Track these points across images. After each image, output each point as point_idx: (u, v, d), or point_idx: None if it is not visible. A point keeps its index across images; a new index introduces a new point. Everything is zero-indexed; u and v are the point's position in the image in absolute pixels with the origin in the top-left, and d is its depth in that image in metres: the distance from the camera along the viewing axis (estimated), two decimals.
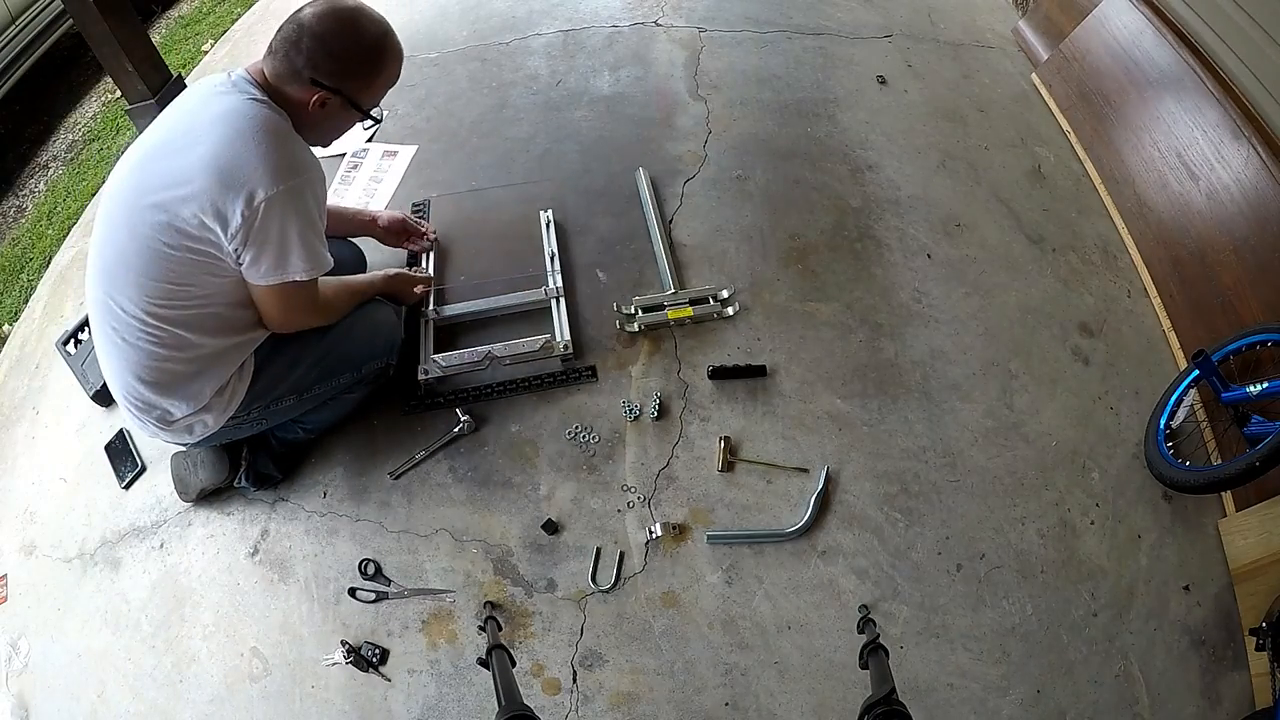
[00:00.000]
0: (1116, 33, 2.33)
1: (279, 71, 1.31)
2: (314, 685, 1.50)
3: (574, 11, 2.97)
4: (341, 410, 1.77)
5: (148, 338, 1.35)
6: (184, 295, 1.34)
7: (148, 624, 1.62)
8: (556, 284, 1.95)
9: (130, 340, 1.36)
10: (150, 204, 1.28)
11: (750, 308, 1.95)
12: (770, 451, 1.71)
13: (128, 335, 1.36)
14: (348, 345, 1.64)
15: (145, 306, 1.33)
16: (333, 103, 1.34)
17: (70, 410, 2.00)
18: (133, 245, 1.31)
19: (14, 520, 1.86)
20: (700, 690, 1.44)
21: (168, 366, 1.39)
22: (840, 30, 2.84)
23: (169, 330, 1.35)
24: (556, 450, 1.74)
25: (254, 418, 1.56)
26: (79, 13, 2.53)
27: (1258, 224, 1.75)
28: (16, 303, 2.50)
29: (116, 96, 3.30)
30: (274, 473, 1.72)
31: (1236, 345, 1.62)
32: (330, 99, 1.33)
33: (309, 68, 1.30)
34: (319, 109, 1.33)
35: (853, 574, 1.55)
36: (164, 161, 1.31)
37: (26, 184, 3.25)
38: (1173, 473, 1.57)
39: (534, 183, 2.28)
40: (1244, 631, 1.46)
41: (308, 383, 1.59)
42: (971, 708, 1.41)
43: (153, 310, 1.33)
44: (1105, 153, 2.29)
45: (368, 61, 1.35)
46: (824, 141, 2.37)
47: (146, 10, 4.13)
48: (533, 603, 1.55)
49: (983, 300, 1.98)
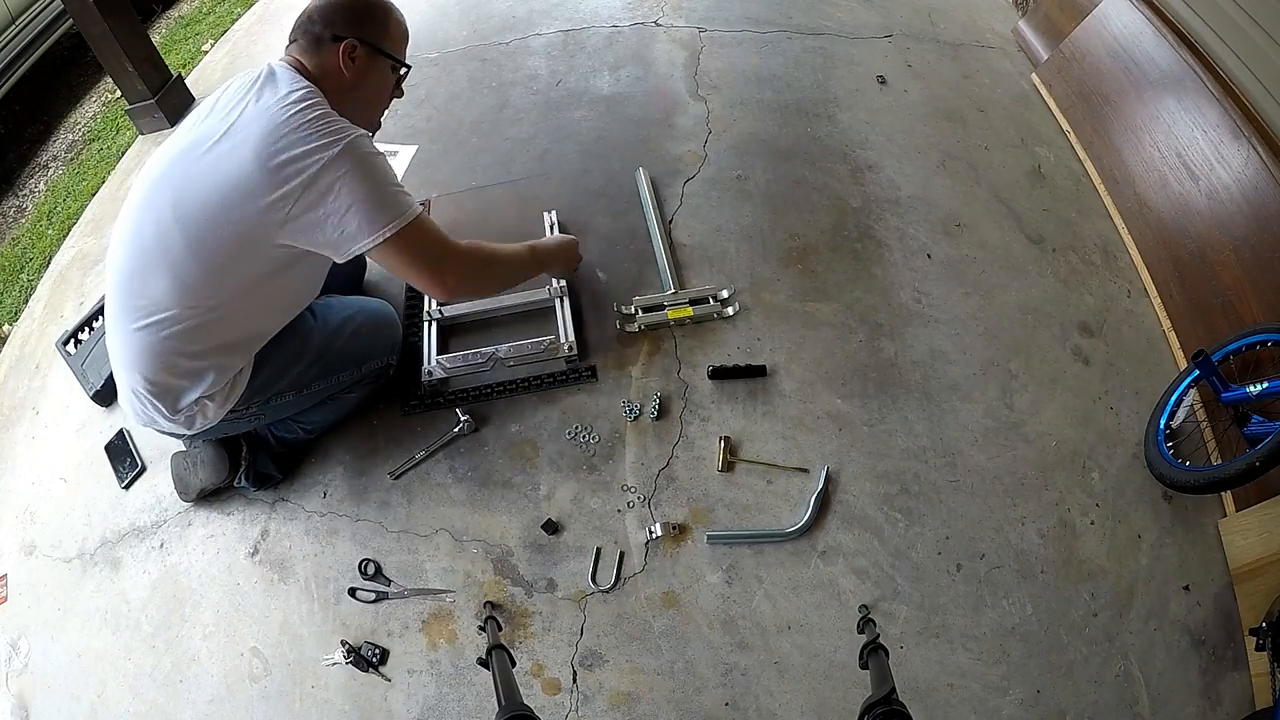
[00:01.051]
0: (1116, 33, 2.33)
1: (305, 48, 1.41)
2: (314, 685, 1.50)
3: (574, 11, 2.97)
4: (341, 410, 1.77)
5: (175, 319, 1.35)
6: (222, 282, 1.34)
7: (148, 624, 1.62)
8: (560, 284, 1.96)
9: (155, 320, 1.35)
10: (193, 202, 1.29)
11: (750, 308, 1.95)
12: (770, 451, 1.71)
13: (153, 315, 1.35)
14: (348, 343, 1.65)
15: (181, 289, 1.33)
16: (360, 52, 1.42)
17: (70, 410, 2.00)
18: (174, 233, 1.30)
19: (14, 520, 1.86)
20: (700, 690, 1.44)
21: (189, 349, 1.38)
22: (840, 30, 2.84)
23: (201, 313, 1.35)
24: (556, 450, 1.74)
25: (253, 412, 1.56)
26: (79, 13, 2.53)
27: (1258, 224, 1.75)
28: (16, 303, 2.50)
29: (116, 96, 3.30)
30: (274, 473, 1.72)
31: (1236, 345, 1.62)
32: (357, 47, 1.42)
33: (327, 28, 1.40)
34: (350, 63, 1.41)
35: (853, 574, 1.55)
36: (210, 155, 1.29)
37: (26, 184, 3.25)
38: (1173, 473, 1.56)
39: (534, 178, 2.28)
40: (1244, 631, 1.46)
41: (308, 379, 1.60)
42: (971, 708, 1.41)
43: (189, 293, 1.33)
44: (1105, 153, 2.29)
45: (377, 5, 1.48)
46: (824, 141, 2.37)
47: (146, 10, 4.14)
48: (533, 603, 1.55)
49: (983, 300, 1.98)
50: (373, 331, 1.71)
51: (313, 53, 1.41)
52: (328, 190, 1.27)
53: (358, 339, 1.67)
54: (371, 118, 1.53)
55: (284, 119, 1.27)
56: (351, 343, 1.66)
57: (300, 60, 1.41)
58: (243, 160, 1.26)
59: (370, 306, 1.76)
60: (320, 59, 1.41)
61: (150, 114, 2.81)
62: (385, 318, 1.76)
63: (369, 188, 1.30)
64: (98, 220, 2.66)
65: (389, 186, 1.35)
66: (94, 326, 2.08)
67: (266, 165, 1.25)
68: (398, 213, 1.34)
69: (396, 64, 1.51)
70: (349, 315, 1.68)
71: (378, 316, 1.74)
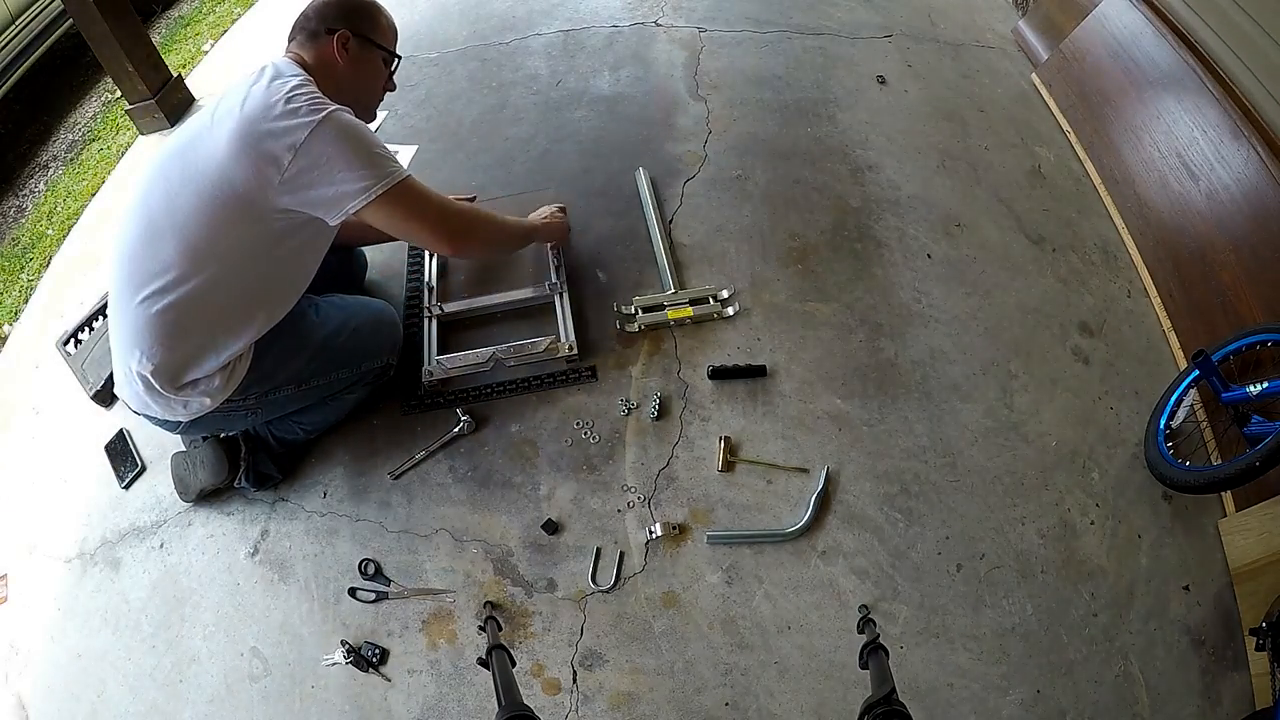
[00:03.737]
0: (1116, 33, 2.33)
1: (303, 43, 1.50)
2: (314, 685, 1.50)
3: (574, 11, 2.97)
4: (340, 410, 1.77)
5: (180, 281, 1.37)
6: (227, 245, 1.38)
7: (148, 624, 1.62)
8: (559, 279, 1.96)
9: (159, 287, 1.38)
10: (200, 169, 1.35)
11: (750, 308, 1.95)
12: (770, 451, 1.71)
13: (158, 280, 1.38)
14: (348, 341, 1.66)
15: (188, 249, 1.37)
16: (353, 43, 1.51)
17: (70, 410, 2.00)
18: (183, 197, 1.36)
19: (14, 520, 1.86)
20: (700, 690, 1.44)
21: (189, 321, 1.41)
22: (840, 30, 2.84)
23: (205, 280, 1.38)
24: (556, 450, 1.74)
25: (251, 404, 1.56)
26: (79, 13, 2.53)
27: (1258, 224, 1.75)
28: (16, 303, 2.50)
29: (116, 96, 3.30)
30: (274, 473, 1.72)
31: (1236, 345, 1.62)
32: (350, 38, 1.51)
33: (321, 22, 1.50)
34: (344, 52, 1.50)
35: (853, 574, 1.55)
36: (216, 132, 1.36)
37: (26, 184, 3.25)
38: (1173, 473, 1.56)
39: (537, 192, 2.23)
40: (1244, 631, 1.46)
41: (307, 374, 1.60)
42: (971, 708, 1.41)
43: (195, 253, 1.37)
44: (1105, 153, 2.29)
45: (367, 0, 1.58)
46: (824, 141, 2.37)
47: (146, 10, 4.13)
48: (533, 603, 1.55)
49: (983, 300, 1.98)
50: (373, 331, 1.72)
51: (309, 46, 1.50)
52: (320, 154, 1.33)
53: (357, 338, 1.68)
54: (367, 107, 1.59)
55: (277, 96, 1.34)
56: (351, 341, 1.66)
57: (299, 55, 1.49)
58: (242, 133, 1.33)
59: (372, 306, 1.77)
60: (316, 51, 1.50)
61: (150, 114, 2.81)
62: (386, 318, 1.77)
63: (356, 148, 1.36)
64: (98, 220, 2.66)
65: (376, 148, 1.40)
66: (94, 326, 2.08)
67: (260, 132, 1.32)
68: (386, 171, 1.39)
69: (388, 56, 1.60)
70: (350, 313, 1.69)
71: (378, 316, 1.75)
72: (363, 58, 1.54)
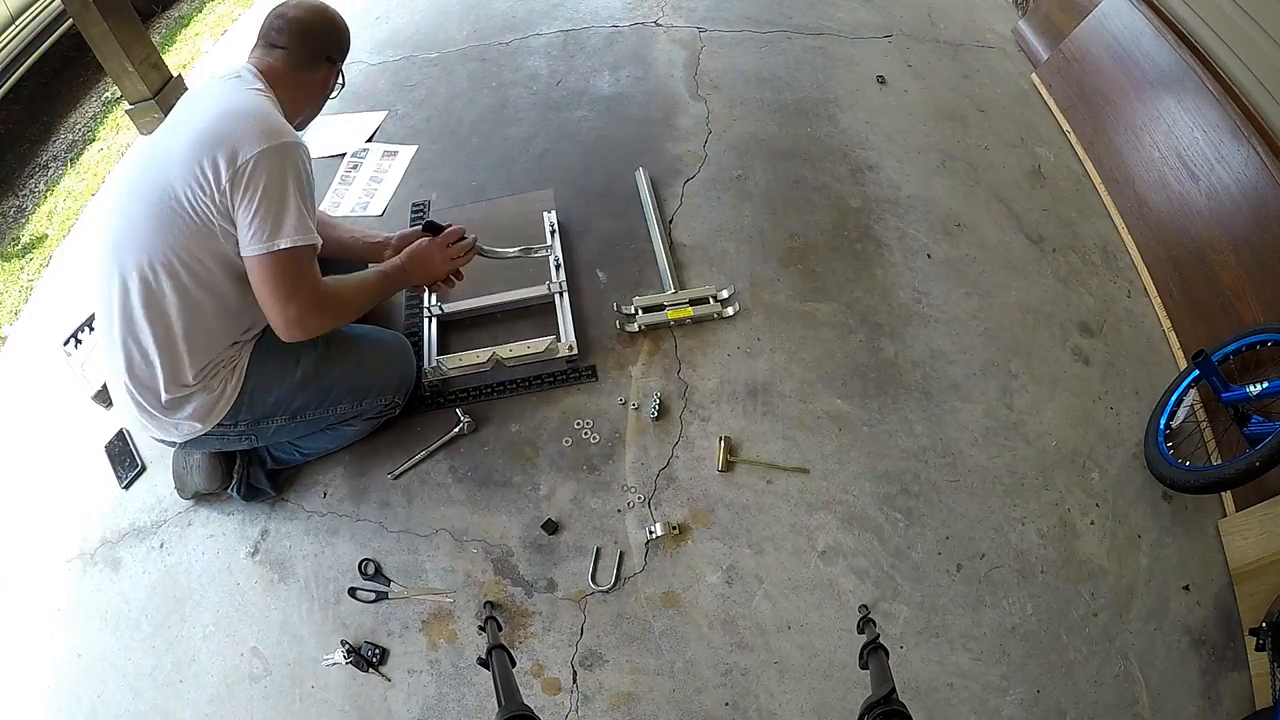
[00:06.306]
0: (1116, 33, 2.33)
1: (296, 60, 1.48)
2: (314, 685, 1.50)
3: (574, 11, 2.97)
4: (341, 441, 1.73)
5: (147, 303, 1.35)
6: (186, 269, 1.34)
7: (148, 624, 1.62)
8: (560, 279, 1.96)
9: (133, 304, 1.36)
10: (155, 175, 1.35)
11: (750, 308, 1.95)
12: (770, 451, 1.71)
13: (131, 298, 1.36)
14: (351, 374, 1.58)
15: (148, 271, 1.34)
16: (333, 73, 1.57)
17: (70, 410, 2.00)
18: (140, 208, 1.35)
19: (14, 520, 1.86)
20: (700, 690, 1.44)
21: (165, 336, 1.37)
22: (840, 30, 2.84)
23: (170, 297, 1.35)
24: (556, 450, 1.74)
25: (242, 430, 1.51)
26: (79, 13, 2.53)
27: (1258, 224, 1.75)
28: (16, 303, 2.50)
29: (116, 96, 3.30)
30: (266, 488, 1.69)
31: (1236, 345, 1.62)
32: (341, 73, 1.59)
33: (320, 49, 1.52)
34: (334, 81, 1.57)
35: (853, 574, 1.55)
36: (168, 140, 1.38)
37: (26, 184, 3.25)
38: (1173, 473, 1.56)
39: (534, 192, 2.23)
40: (1244, 631, 1.46)
41: (299, 406, 1.53)
42: (971, 708, 1.41)
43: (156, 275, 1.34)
44: (1105, 153, 2.29)
45: (344, 26, 1.60)
46: (824, 141, 2.37)
47: (146, 10, 4.13)
48: (533, 603, 1.55)
49: (983, 300, 1.98)
50: (379, 366, 1.63)
51: (291, 67, 1.48)
52: (256, 184, 1.29)
53: (360, 371, 1.59)
54: (312, 117, 1.61)
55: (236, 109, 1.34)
56: (354, 374, 1.58)
57: (273, 66, 1.47)
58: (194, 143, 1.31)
59: (383, 339, 1.68)
60: (304, 75, 1.50)
61: (150, 114, 2.80)
62: (397, 353, 1.68)
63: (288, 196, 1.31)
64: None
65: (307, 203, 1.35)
66: (94, 326, 2.08)
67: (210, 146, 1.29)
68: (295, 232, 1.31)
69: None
70: (355, 344, 1.61)
71: (389, 350, 1.66)
72: (327, 84, 1.58)
